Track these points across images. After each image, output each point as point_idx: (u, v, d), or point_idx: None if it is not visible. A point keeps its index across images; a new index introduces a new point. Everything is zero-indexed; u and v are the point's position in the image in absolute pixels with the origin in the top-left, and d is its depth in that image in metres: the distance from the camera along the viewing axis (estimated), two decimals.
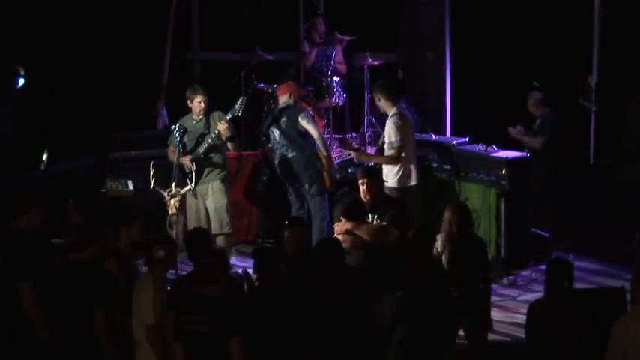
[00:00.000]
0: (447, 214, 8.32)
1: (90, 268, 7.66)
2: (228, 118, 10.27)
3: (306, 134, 10.53)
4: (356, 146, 11.68)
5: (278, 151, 10.65)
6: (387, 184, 10.02)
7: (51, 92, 12.18)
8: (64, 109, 12.27)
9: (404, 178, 10.23)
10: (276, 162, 10.74)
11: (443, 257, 8.19)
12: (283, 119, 10.56)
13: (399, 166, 10.20)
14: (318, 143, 10.47)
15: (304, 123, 10.46)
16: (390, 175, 10.21)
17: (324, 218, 10.38)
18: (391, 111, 10.29)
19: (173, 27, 13.42)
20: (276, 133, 10.61)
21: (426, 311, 7.44)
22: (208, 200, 10.45)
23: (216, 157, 10.45)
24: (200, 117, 10.44)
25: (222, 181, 10.50)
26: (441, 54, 12.89)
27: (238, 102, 10.30)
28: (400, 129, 10.18)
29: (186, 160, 10.31)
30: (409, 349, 7.42)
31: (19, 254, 7.75)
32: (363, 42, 12.94)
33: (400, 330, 7.44)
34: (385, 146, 10.34)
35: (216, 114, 10.42)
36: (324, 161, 10.47)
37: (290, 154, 10.54)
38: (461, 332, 8.15)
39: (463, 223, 8.29)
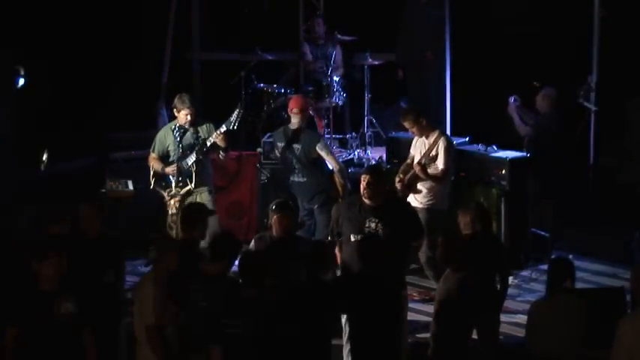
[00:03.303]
0: (467, 216, 8.20)
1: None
2: (222, 130, 9.88)
3: (320, 157, 10.20)
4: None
5: (289, 172, 10.35)
6: (421, 206, 9.74)
7: (51, 92, 12.16)
8: (64, 109, 12.26)
9: (444, 200, 9.97)
10: (289, 180, 10.37)
11: None
12: (297, 146, 10.17)
13: (444, 187, 9.97)
14: (337, 173, 10.13)
15: (323, 154, 10.12)
16: (437, 196, 9.91)
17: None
18: (435, 132, 10.02)
19: (173, 27, 13.43)
20: (289, 155, 10.28)
21: None
22: None
23: (204, 169, 10.16)
24: (187, 127, 10.11)
25: (210, 192, 10.21)
26: (441, 54, 12.89)
27: (234, 114, 9.85)
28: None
29: (169, 170, 10.08)
30: None
31: None
32: (363, 42, 12.94)
33: None
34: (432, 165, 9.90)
35: (205, 126, 10.10)
36: (339, 188, 10.12)
37: (301, 179, 10.24)
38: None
39: (484, 224, 8.23)
